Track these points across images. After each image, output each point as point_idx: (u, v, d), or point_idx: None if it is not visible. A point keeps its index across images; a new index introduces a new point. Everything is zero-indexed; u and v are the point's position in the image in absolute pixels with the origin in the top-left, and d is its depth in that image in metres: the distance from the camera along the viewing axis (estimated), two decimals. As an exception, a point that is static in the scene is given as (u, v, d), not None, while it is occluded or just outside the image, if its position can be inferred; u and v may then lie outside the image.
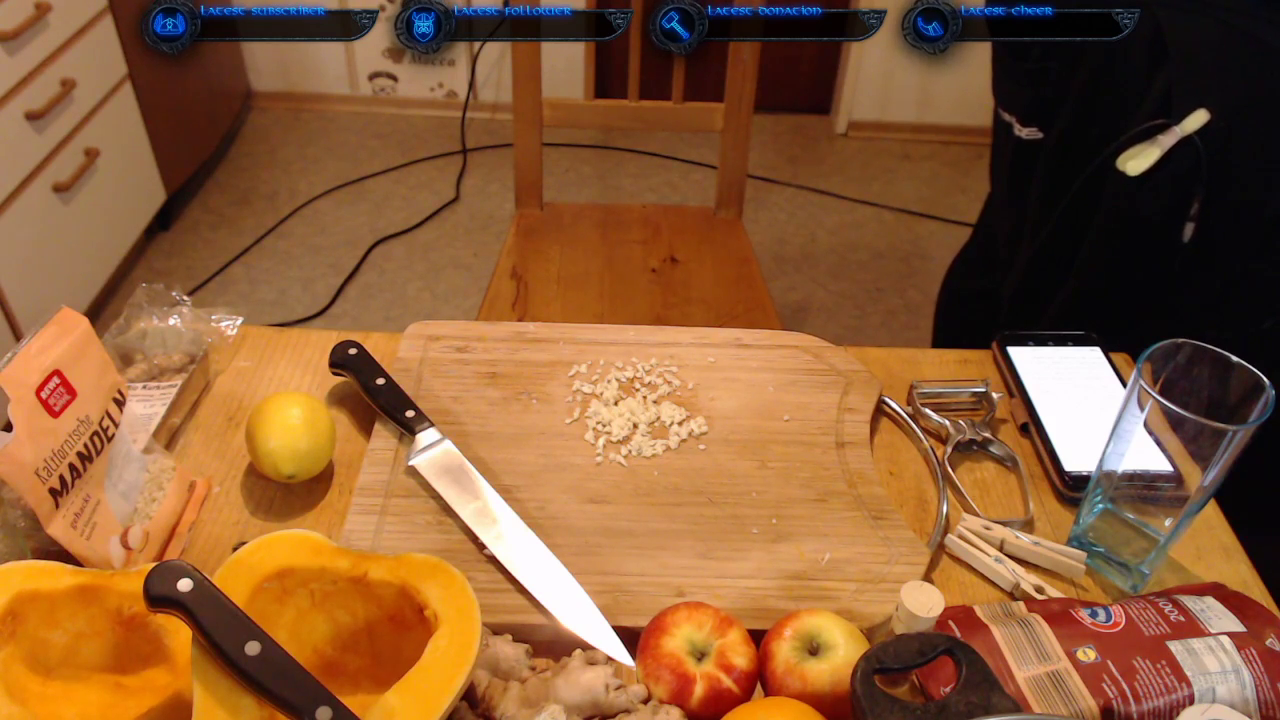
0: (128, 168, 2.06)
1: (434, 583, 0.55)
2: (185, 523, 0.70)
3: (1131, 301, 1.04)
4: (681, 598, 0.64)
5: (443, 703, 0.49)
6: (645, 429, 0.77)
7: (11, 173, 1.67)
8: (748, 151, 1.46)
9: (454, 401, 0.79)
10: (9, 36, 1.61)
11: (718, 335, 0.86)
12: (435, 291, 2.19)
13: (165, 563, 0.49)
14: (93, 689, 0.57)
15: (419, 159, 2.61)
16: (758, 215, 2.45)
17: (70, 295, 1.86)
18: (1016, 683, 0.56)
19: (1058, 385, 0.82)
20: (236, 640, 0.47)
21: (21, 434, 0.57)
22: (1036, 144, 1.14)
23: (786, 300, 2.19)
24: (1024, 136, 1.15)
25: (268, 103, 2.80)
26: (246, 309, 1.90)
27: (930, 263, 2.30)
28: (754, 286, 1.37)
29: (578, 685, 0.56)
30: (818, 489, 0.72)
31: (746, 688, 0.57)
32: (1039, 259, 1.15)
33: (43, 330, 0.61)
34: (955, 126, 2.71)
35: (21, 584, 0.55)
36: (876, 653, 0.53)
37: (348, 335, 0.82)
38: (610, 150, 2.65)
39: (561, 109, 1.44)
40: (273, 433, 0.69)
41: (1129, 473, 0.64)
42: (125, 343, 0.80)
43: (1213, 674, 0.56)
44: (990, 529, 0.70)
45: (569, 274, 1.39)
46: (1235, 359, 0.61)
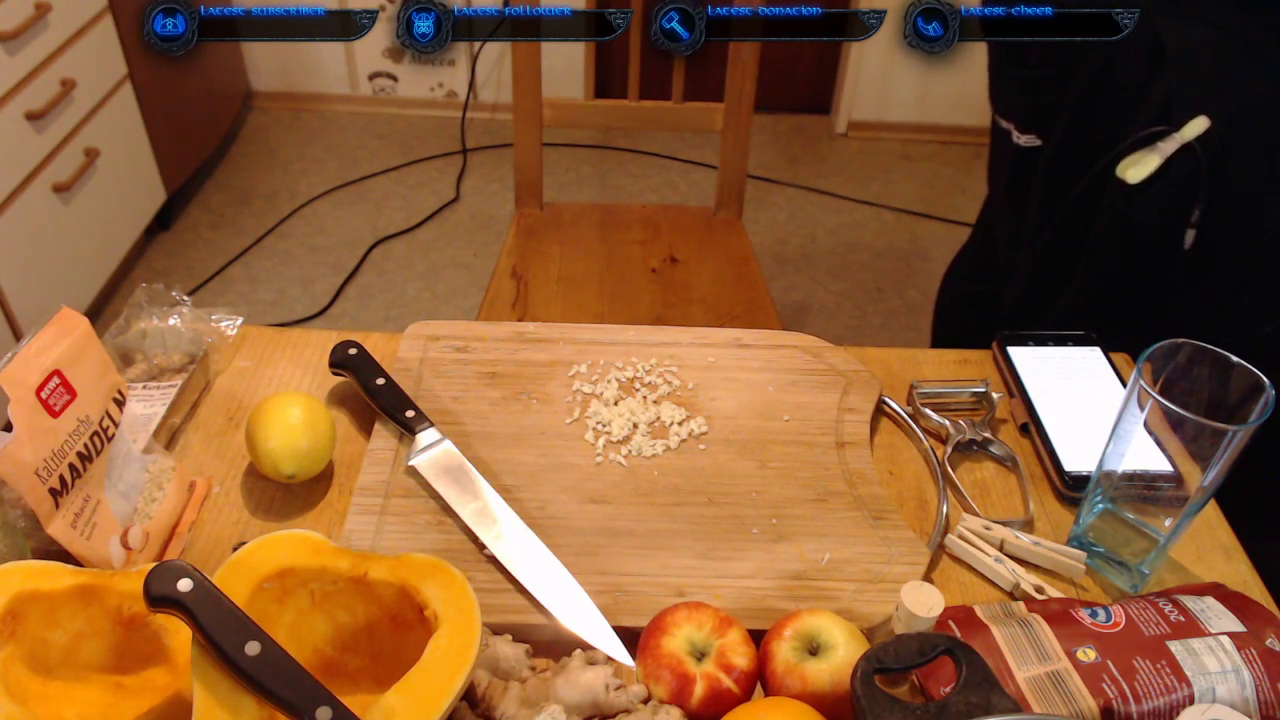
0: (128, 168, 2.06)
1: (434, 583, 0.55)
2: (185, 523, 0.70)
3: (1132, 308, 1.04)
4: (681, 598, 0.64)
5: (443, 703, 0.49)
6: (645, 429, 0.77)
7: (11, 173, 1.67)
8: (748, 151, 1.46)
9: (454, 401, 0.79)
10: (9, 36, 1.61)
11: (718, 335, 0.86)
12: (435, 291, 2.19)
13: (165, 563, 0.49)
14: (93, 689, 0.57)
15: (419, 159, 2.61)
16: (758, 215, 2.45)
17: (70, 295, 1.86)
18: (1016, 683, 0.56)
19: (1058, 385, 0.82)
20: (236, 640, 0.47)
21: (21, 434, 0.57)
22: (1035, 150, 1.14)
23: (786, 300, 2.19)
24: (1022, 143, 1.14)
25: (268, 103, 2.80)
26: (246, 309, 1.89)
27: (930, 263, 2.30)
28: (754, 286, 1.37)
29: (578, 685, 0.56)
30: (818, 489, 0.72)
31: (746, 688, 0.57)
32: (1039, 265, 1.15)
33: (43, 330, 0.61)
34: (955, 126, 2.71)
35: (21, 584, 0.55)
36: (876, 653, 0.53)
37: (348, 335, 0.82)
38: (610, 150, 2.65)
39: (561, 109, 1.44)
40: (273, 433, 0.69)
41: (1129, 473, 0.64)
42: (125, 343, 0.80)
43: (1213, 674, 0.56)
44: (990, 529, 0.70)
45: (569, 274, 1.39)
46: (1235, 359, 0.61)
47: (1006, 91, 1.17)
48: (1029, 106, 1.13)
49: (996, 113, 1.20)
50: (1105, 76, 1.03)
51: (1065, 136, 1.09)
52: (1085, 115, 1.06)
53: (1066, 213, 1.08)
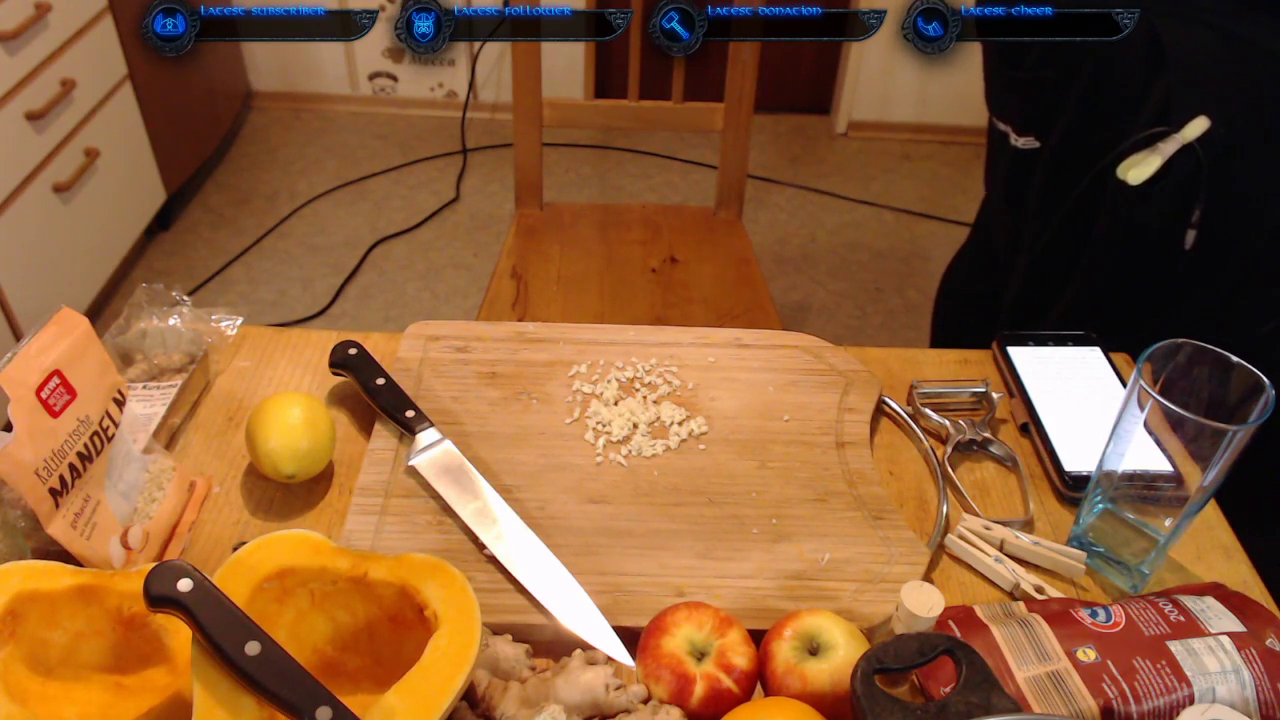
0: (128, 168, 2.06)
1: (434, 583, 0.55)
2: (185, 523, 0.70)
3: (1132, 308, 1.04)
4: (681, 598, 0.64)
5: (443, 703, 0.49)
6: (645, 429, 0.77)
7: (11, 173, 1.67)
8: (748, 151, 1.46)
9: (454, 401, 0.79)
10: (9, 36, 1.61)
11: (718, 335, 0.86)
12: (435, 291, 2.19)
13: (165, 563, 0.49)
14: (93, 689, 0.57)
15: (419, 159, 2.61)
16: (758, 215, 2.45)
17: (70, 295, 1.86)
18: (1016, 683, 0.56)
19: (1058, 385, 0.82)
20: (236, 640, 0.47)
21: (21, 434, 0.57)
22: (1033, 152, 1.14)
23: (786, 300, 2.19)
24: (1020, 145, 1.14)
25: (268, 103, 2.80)
26: (246, 309, 1.90)
27: (930, 263, 2.30)
28: (754, 286, 1.37)
29: (578, 685, 0.56)
30: (818, 489, 0.72)
31: (746, 688, 0.57)
32: (1038, 267, 1.15)
33: (43, 330, 0.61)
34: (955, 126, 2.71)
35: (21, 584, 0.55)
36: (876, 653, 0.53)
37: (348, 335, 0.82)
38: (610, 150, 2.65)
39: (561, 109, 1.44)
40: (273, 433, 0.69)
41: (1129, 473, 0.64)
42: (125, 343, 0.80)
43: (1213, 674, 0.56)
44: (990, 529, 0.70)
45: (569, 274, 1.39)
46: (1235, 359, 0.61)
47: (1003, 94, 1.17)
48: (1027, 109, 1.13)
49: (994, 115, 1.20)
50: (1105, 78, 1.03)
51: (1064, 138, 1.09)
52: (1085, 117, 1.06)
53: (1066, 214, 1.08)
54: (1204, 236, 0.95)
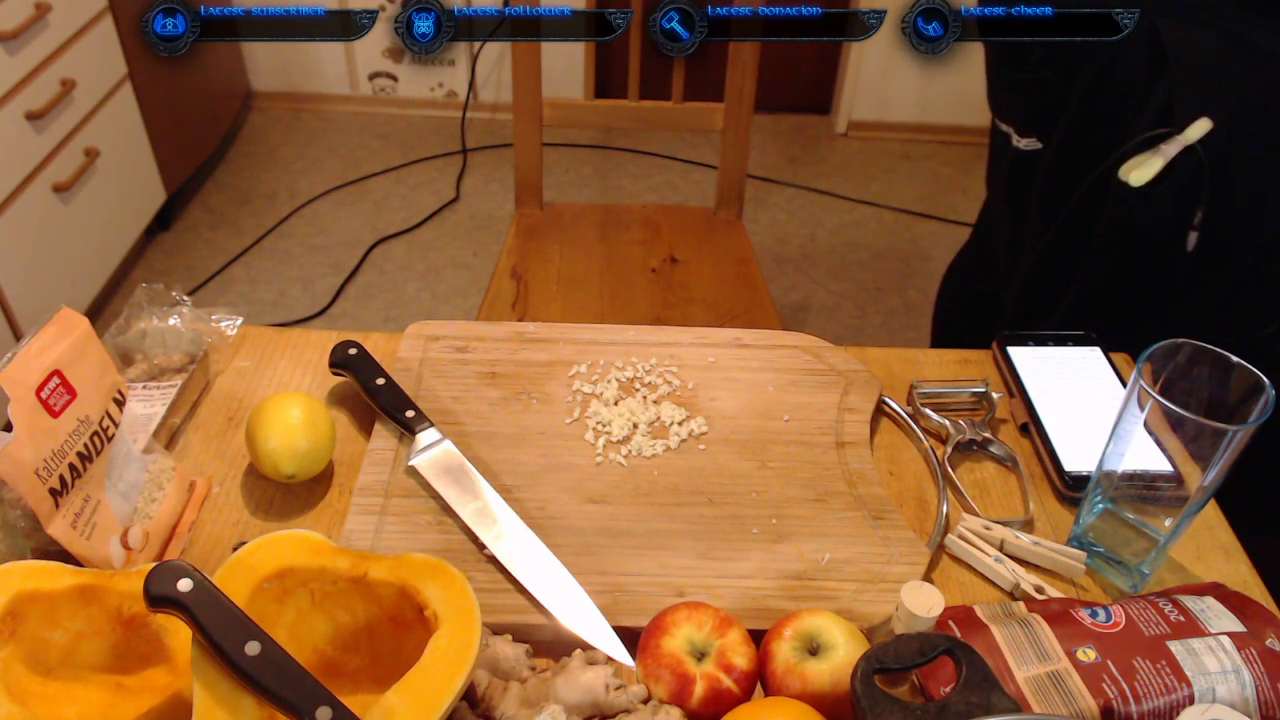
0: (128, 168, 2.06)
1: (434, 583, 0.55)
2: (185, 523, 0.70)
3: (1133, 309, 1.04)
4: (681, 598, 0.64)
5: (443, 703, 0.49)
6: (645, 429, 0.77)
7: (11, 173, 1.67)
8: (748, 151, 1.46)
9: (454, 401, 0.79)
10: (9, 36, 1.61)
11: (718, 335, 0.86)
12: (435, 291, 2.19)
13: (165, 563, 0.49)
14: (93, 689, 0.57)
15: (419, 159, 2.61)
16: (758, 215, 2.45)
17: (70, 295, 1.86)
18: (1016, 683, 0.56)
19: (1058, 385, 0.82)
20: (236, 640, 0.47)
21: (21, 434, 0.57)
22: (1035, 154, 1.14)
23: (786, 300, 2.19)
24: (1022, 146, 1.14)
25: (268, 103, 2.80)
26: (246, 309, 1.90)
27: (930, 263, 2.30)
28: (754, 286, 1.37)
29: (578, 685, 0.56)
30: (818, 489, 0.72)
31: (746, 688, 0.57)
32: (1040, 268, 1.15)
33: (43, 330, 0.61)
34: (955, 126, 2.71)
35: (21, 584, 0.55)
36: (876, 653, 0.53)
37: (348, 335, 0.82)
38: (610, 150, 2.65)
39: (561, 109, 1.44)
40: (273, 433, 0.69)
41: (1129, 473, 0.64)
42: (125, 343, 0.80)
43: (1213, 674, 0.56)
44: (990, 529, 0.70)
45: (569, 274, 1.39)
46: (1235, 359, 0.61)
47: (1005, 95, 1.17)
48: (1029, 110, 1.13)
49: (996, 116, 1.20)
50: (1106, 79, 1.03)
51: (1066, 139, 1.09)
52: (1086, 118, 1.06)
53: (1068, 215, 1.08)
54: (1206, 238, 0.95)
